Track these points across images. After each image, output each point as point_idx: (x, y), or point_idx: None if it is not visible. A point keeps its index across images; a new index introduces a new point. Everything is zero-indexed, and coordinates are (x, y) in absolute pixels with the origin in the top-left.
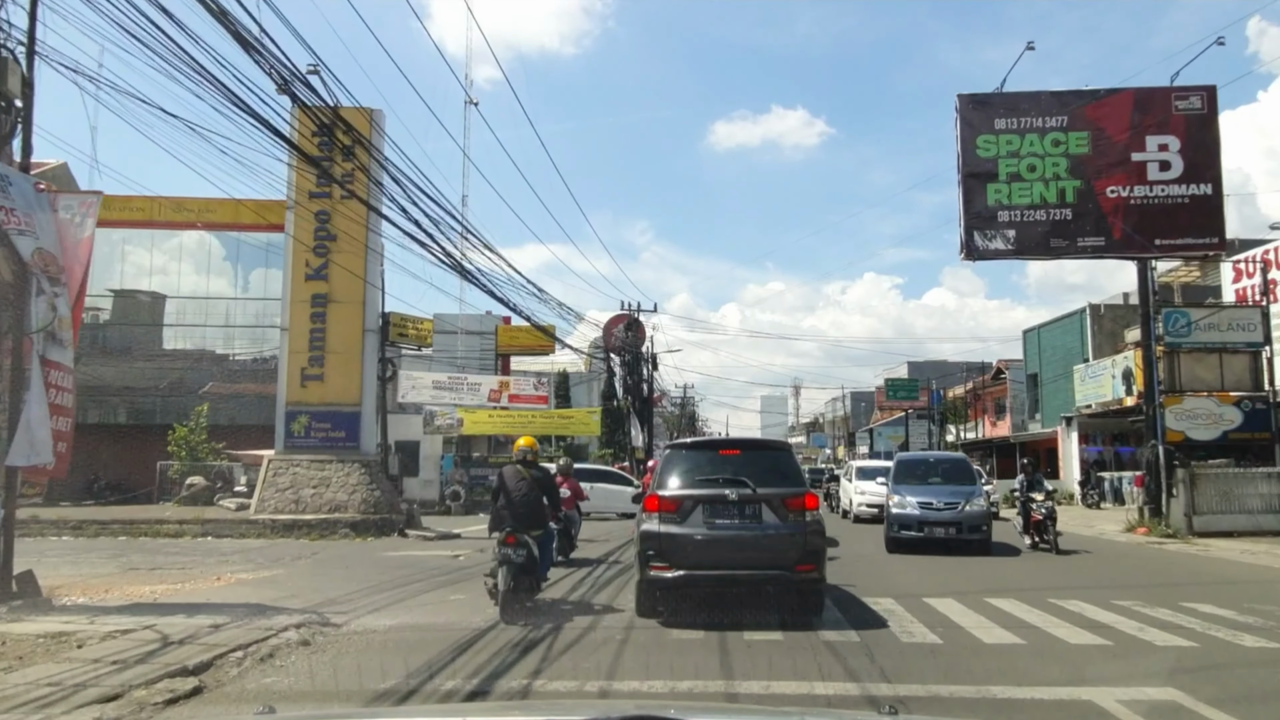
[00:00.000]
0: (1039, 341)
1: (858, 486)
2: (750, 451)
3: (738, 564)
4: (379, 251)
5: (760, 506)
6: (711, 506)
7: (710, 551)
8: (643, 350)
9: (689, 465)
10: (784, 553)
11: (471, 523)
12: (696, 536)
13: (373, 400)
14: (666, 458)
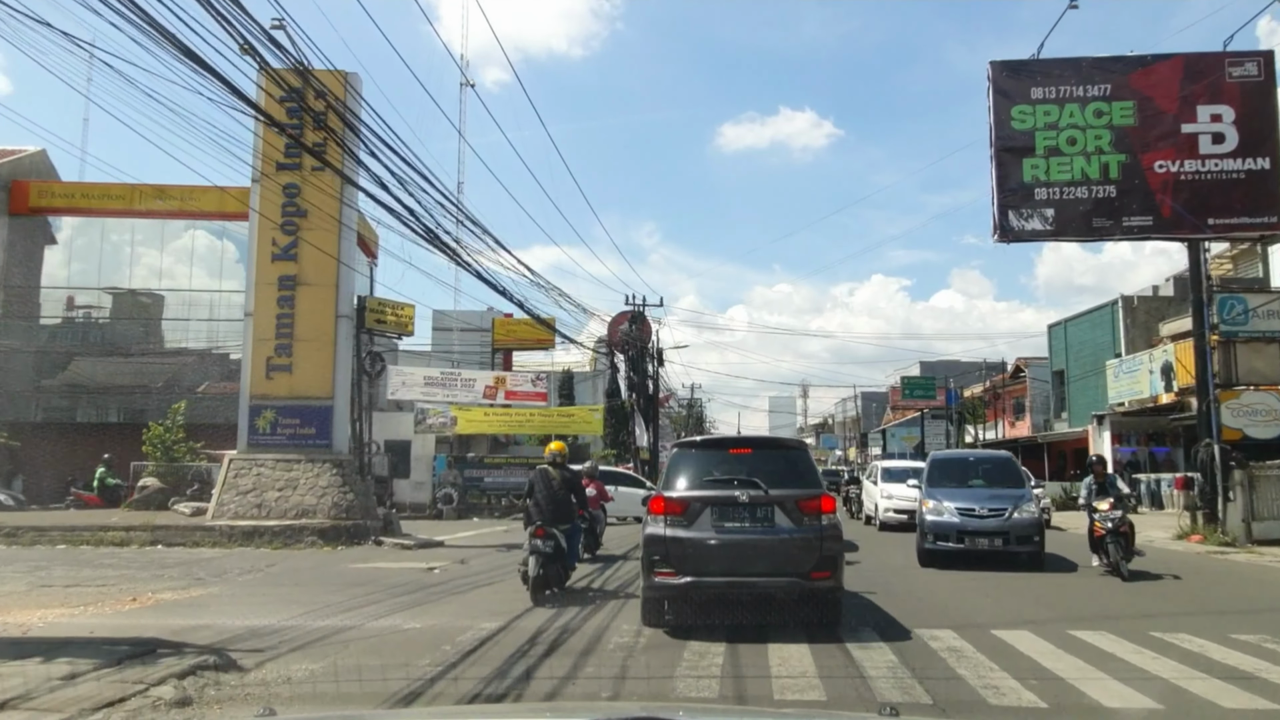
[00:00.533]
0: (1065, 337)
1: (884, 490)
2: (763, 450)
3: (748, 570)
4: (354, 229)
5: (773, 509)
6: (721, 509)
7: (719, 557)
8: (648, 345)
9: (697, 465)
10: (798, 559)
11: (463, 528)
12: (705, 541)
13: (347, 393)
14: (674, 457)
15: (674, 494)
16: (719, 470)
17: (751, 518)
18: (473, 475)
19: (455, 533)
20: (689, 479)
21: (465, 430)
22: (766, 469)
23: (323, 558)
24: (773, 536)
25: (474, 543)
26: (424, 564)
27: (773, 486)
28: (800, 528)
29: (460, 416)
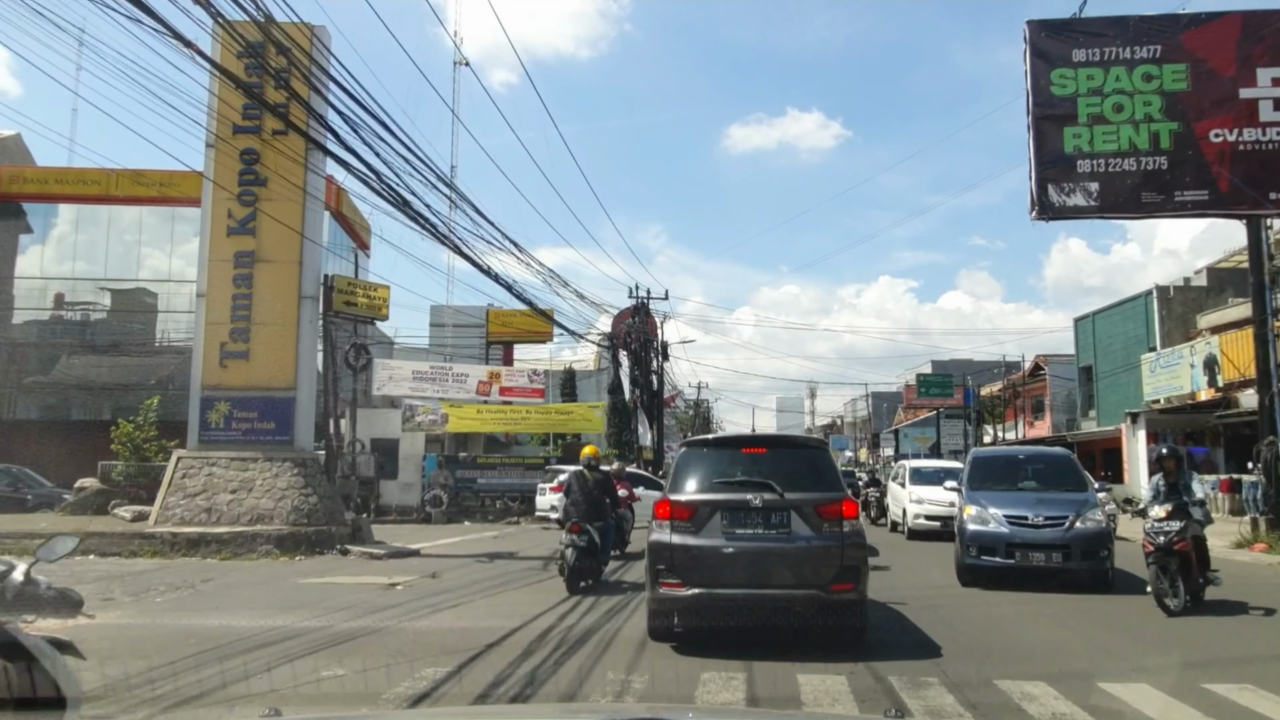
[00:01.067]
0: (1094, 330)
1: (914, 493)
2: (779, 450)
3: (762, 582)
4: (321, 199)
5: (789, 514)
6: (732, 514)
7: (730, 567)
8: (653, 339)
9: (707, 466)
10: (817, 569)
11: (449, 533)
12: (714, 549)
13: (311, 383)
14: (681, 457)
15: (680, 497)
16: (730, 471)
17: (765, 524)
18: (465, 476)
19: (439, 539)
20: (697, 481)
21: (456, 428)
22: (782, 470)
23: (273, 571)
24: (789, 545)
25: (456, 551)
26: (388, 579)
27: (789, 489)
28: (819, 535)
29: (451, 414)
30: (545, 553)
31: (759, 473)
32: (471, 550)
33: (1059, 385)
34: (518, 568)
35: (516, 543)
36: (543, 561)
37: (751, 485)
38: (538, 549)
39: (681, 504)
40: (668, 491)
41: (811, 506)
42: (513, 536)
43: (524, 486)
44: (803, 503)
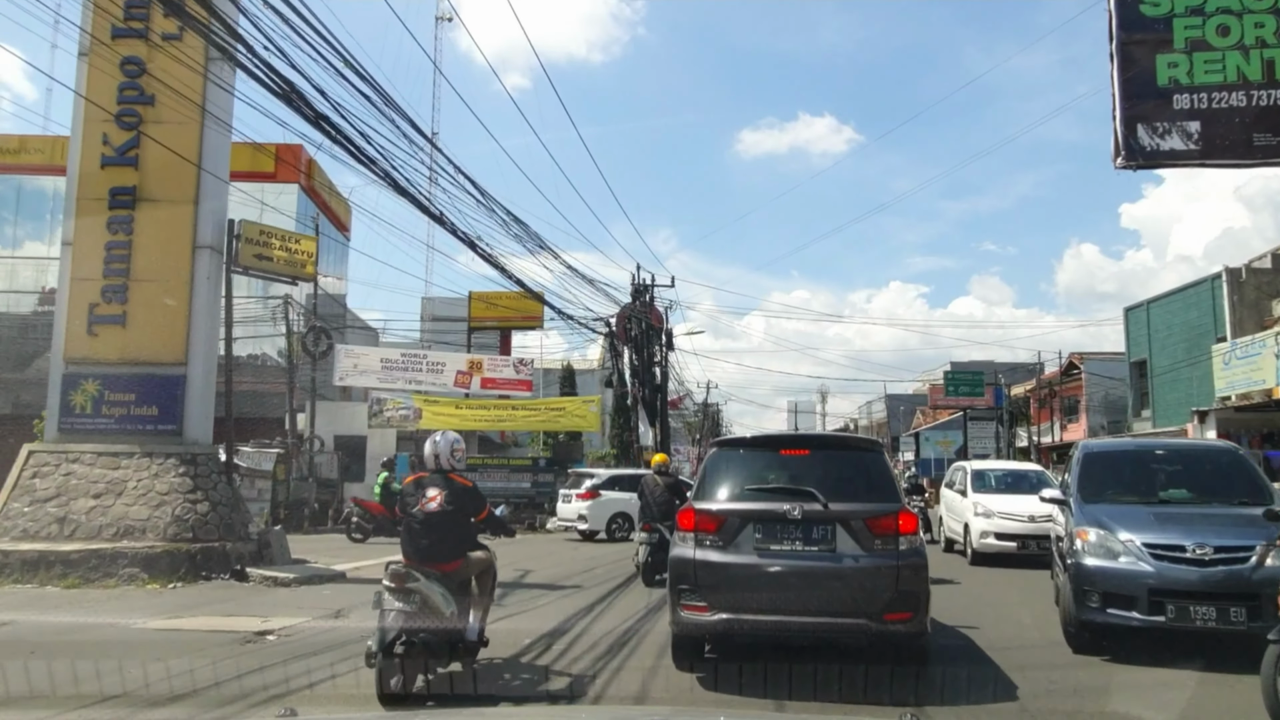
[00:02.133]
0: (1148, 321)
1: (979, 503)
2: (824, 452)
3: (801, 608)
4: (228, 123)
5: (834, 528)
6: (766, 527)
7: (763, 589)
8: (656, 326)
9: (739, 470)
10: (868, 594)
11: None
12: (745, 568)
13: (210, 358)
14: (710, 460)
15: (707, 506)
16: (766, 477)
17: (806, 539)
18: None
19: (386, 556)
20: (728, 487)
21: (431, 425)
22: (828, 476)
23: (120, 603)
24: (834, 564)
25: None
26: (264, 622)
27: (835, 498)
28: (871, 553)
29: (425, 409)
30: (513, 575)
31: (800, 479)
32: None
33: (1096, 384)
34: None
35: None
36: (502, 590)
37: (791, 493)
38: (508, 566)
39: (708, 514)
40: (693, 499)
41: (861, 519)
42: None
43: (511, 491)
44: (851, 515)
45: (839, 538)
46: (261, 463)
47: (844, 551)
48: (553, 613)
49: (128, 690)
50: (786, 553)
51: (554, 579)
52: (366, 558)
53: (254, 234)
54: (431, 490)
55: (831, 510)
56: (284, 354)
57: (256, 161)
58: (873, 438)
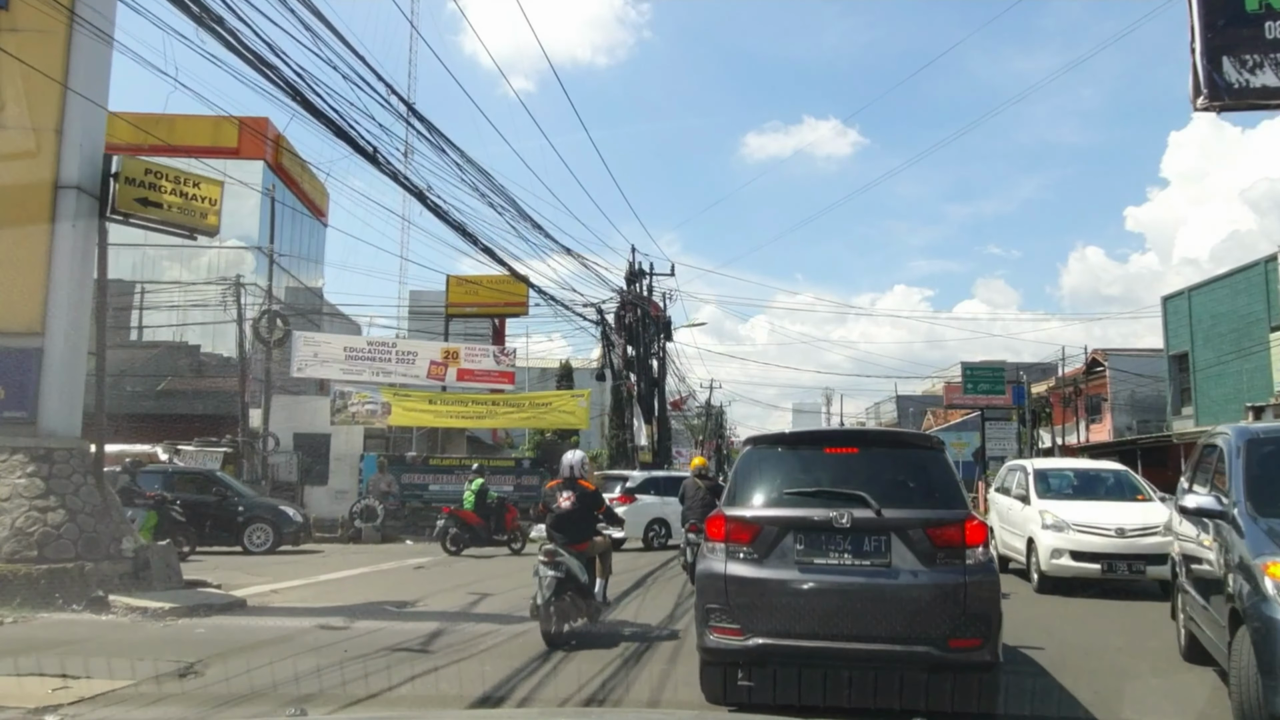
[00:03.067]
0: (1189, 310)
1: (1048, 512)
2: (875, 450)
3: (850, 632)
4: (108, 33)
5: (890, 539)
6: (809, 536)
7: (806, 610)
8: (653, 314)
9: (777, 471)
10: (929, 616)
11: (366, 558)
12: (784, 585)
13: (79, 328)
14: (743, 460)
15: (740, 512)
16: (809, 479)
17: (856, 551)
18: (415, 481)
19: (328, 571)
20: (764, 491)
21: (401, 421)
22: (881, 478)
23: None
24: (889, 581)
25: (321, 600)
26: (64, 686)
27: (890, 504)
28: (932, 568)
29: (395, 403)
30: (459, 603)
31: (849, 481)
32: (356, 594)
33: (1121, 382)
34: (391, 637)
35: (452, 576)
36: (438, 622)
37: (837, 498)
38: (466, 588)
39: (742, 522)
40: (723, 504)
41: (921, 529)
42: (444, 567)
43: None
44: (909, 523)
45: (895, 550)
46: (205, 464)
47: (901, 566)
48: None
49: None
50: (833, 567)
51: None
52: (296, 576)
53: (137, 173)
54: (566, 493)
55: (886, 518)
56: (239, 343)
57: (218, 135)
58: (934, 435)
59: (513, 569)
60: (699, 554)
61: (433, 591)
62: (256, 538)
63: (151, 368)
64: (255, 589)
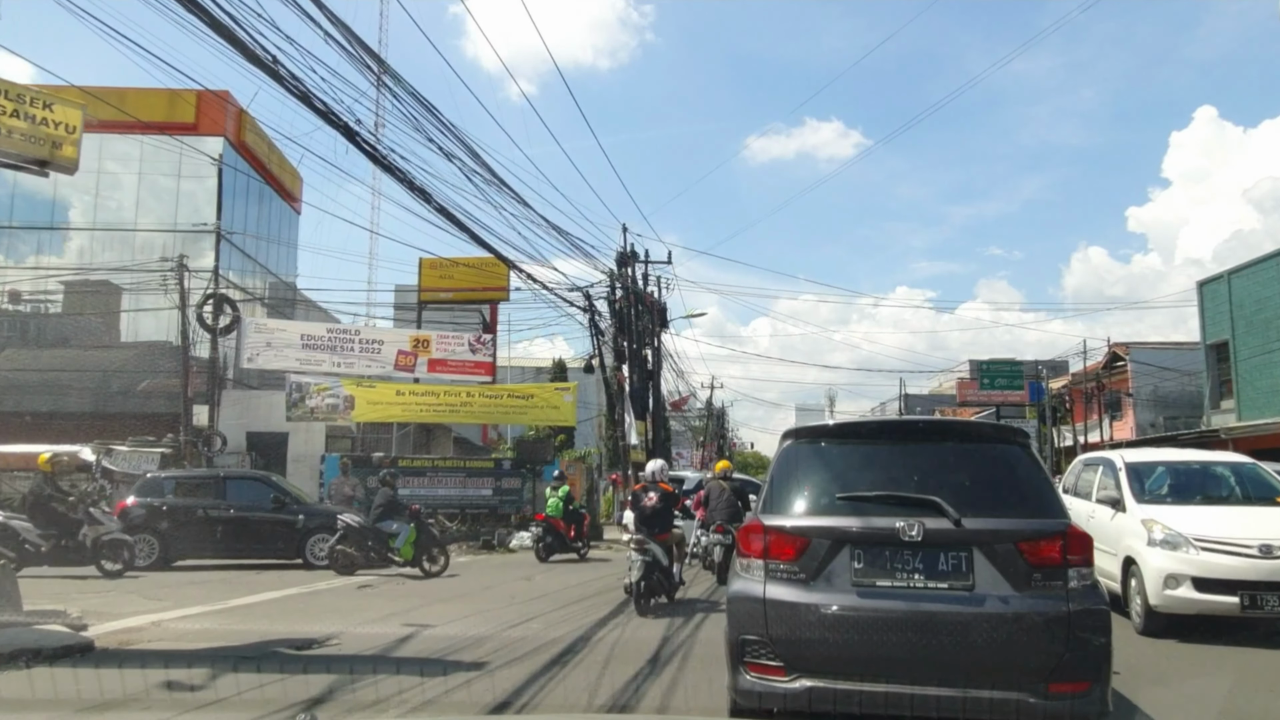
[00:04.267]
0: (1229, 296)
1: (1156, 521)
2: (946, 444)
3: (923, 674)
4: None
5: (971, 555)
6: (870, 552)
7: (867, 645)
8: (647, 303)
9: (825, 471)
10: (1025, 654)
11: (322, 574)
12: (839, 613)
13: None
14: (783, 455)
15: (782, 522)
16: (866, 480)
17: (930, 570)
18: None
19: (253, 592)
20: (811, 496)
21: (366, 416)
22: (955, 479)
23: None
24: (973, 609)
25: (206, 638)
26: None
27: (969, 511)
28: (1027, 593)
29: (358, 395)
30: (384, 640)
31: (916, 483)
32: (261, 627)
33: (1145, 377)
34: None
35: (398, 599)
36: (335, 675)
37: (904, 504)
38: (403, 616)
39: (784, 533)
40: (759, 511)
41: (1011, 542)
42: (394, 586)
43: (468, 500)
44: (996, 535)
45: (978, 569)
46: (140, 466)
47: (987, 590)
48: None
49: None
50: (900, 591)
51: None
52: (206, 600)
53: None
54: (651, 494)
55: (967, 528)
56: (182, 329)
57: (174, 110)
58: (1012, 425)
59: (473, 589)
60: (731, 573)
61: (362, 621)
62: (319, 549)
63: (132, 367)
64: (129, 621)
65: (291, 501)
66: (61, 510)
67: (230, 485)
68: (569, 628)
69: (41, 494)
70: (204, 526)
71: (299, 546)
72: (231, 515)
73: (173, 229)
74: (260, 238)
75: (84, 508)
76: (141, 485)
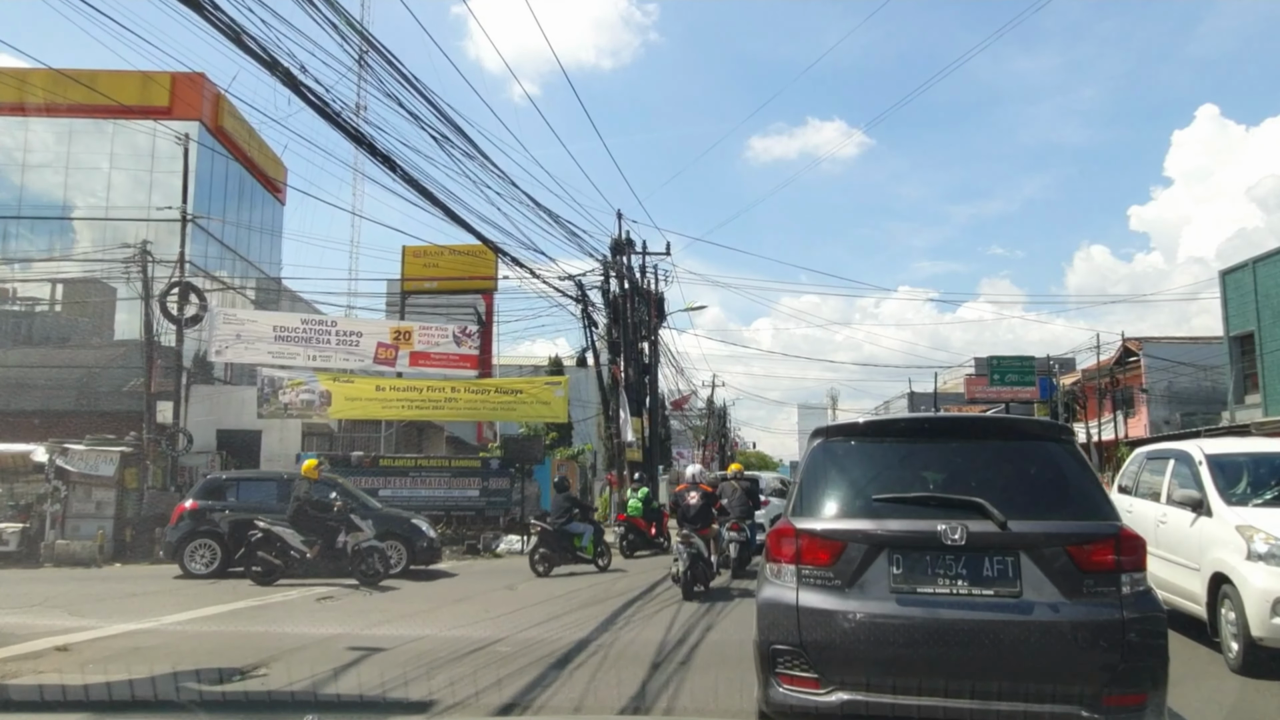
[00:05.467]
0: (1254, 284)
1: (1252, 527)
2: (987, 442)
3: (968, 687)
4: None
5: (1018, 560)
6: (910, 557)
7: (907, 656)
8: (645, 293)
9: (859, 471)
10: (1077, 665)
11: (281, 585)
12: (878, 621)
13: None
14: (814, 456)
15: (815, 525)
16: (904, 481)
17: (974, 576)
18: (364, 486)
19: (202, 605)
20: (845, 498)
21: (343, 413)
22: (998, 480)
23: None
24: (1021, 617)
25: (98, 672)
26: None
27: (1014, 514)
28: (1078, 600)
29: (335, 390)
30: (318, 668)
31: (956, 483)
32: (174, 660)
33: (1158, 371)
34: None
35: (363, 612)
36: None
37: (945, 506)
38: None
39: (818, 537)
40: (790, 513)
41: (1060, 546)
42: (361, 599)
43: (454, 502)
44: (1044, 538)
45: (1026, 575)
46: (99, 466)
47: (1036, 597)
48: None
49: None
50: (943, 599)
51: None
52: (138, 616)
53: None
54: (693, 494)
55: (1014, 531)
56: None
57: (148, 93)
58: (1059, 422)
59: (457, 594)
60: (760, 578)
61: (299, 647)
62: (388, 557)
63: (104, 364)
64: (31, 645)
65: (359, 507)
66: (321, 516)
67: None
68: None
69: (308, 500)
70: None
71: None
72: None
73: (146, 218)
74: (232, 223)
75: (345, 514)
76: (201, 489)
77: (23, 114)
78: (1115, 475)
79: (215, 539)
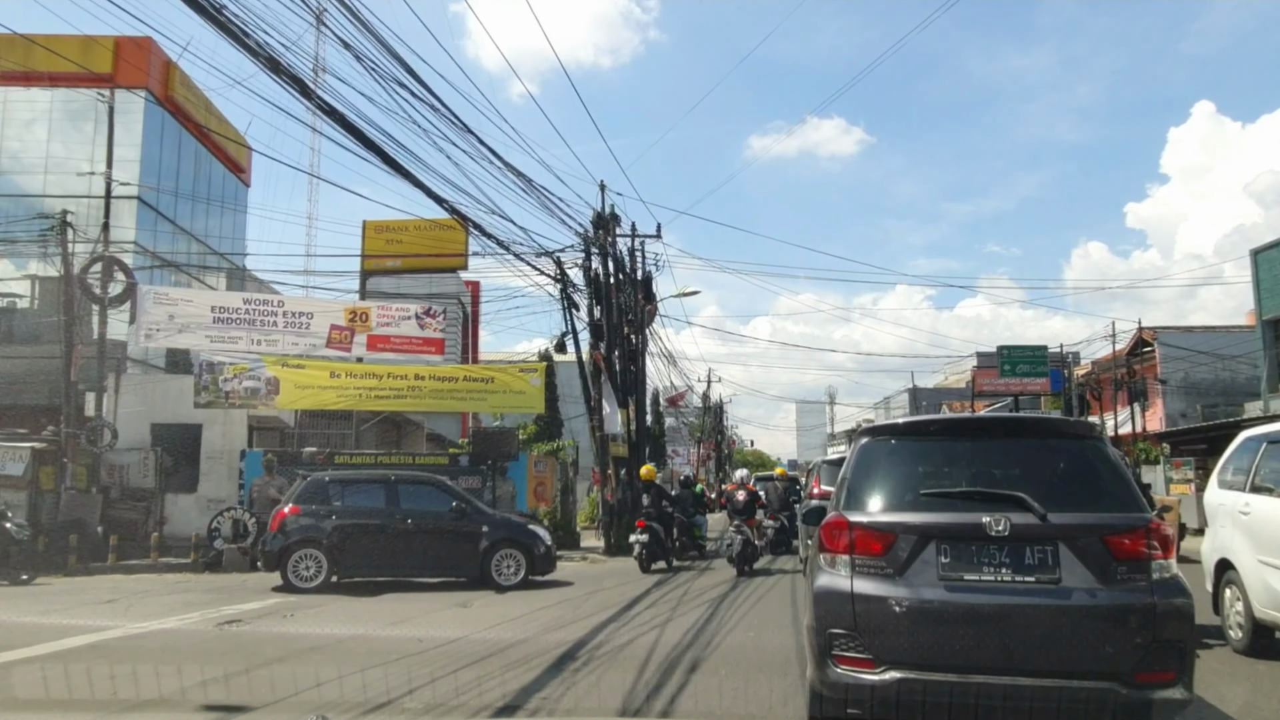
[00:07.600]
0: None
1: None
2: (1024, 440)
3: (1014, 664)
4: None
5: (1057, 549)
6: (956, 547)
7: (956, 638)
8: (622, 254)
9: (905, 467)
10: (1111, 644)
11: (212, 597)
12: (927, 606)
13: None
14: (862, 452)
15: (868, 519)
16: (949, 476)
17: (1017, 565)
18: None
19: (119, 621)
20: (894, 492)
21: (293, 403)
22: (1036, 475)
23: None
24: (1061, 602)
25: None
26: None
27: (1053, 506)
28: (1113, 586)
29: (283, 377)
30: None
31: (998, 478)
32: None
33: (1175, 360)
34: None
35: (274, 645)
36: None
37: (989, 499)
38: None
39: (871, 529)
40: (841, 507)
41: (1096, 536)
42: (278, 622)
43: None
44: (1081, 529)
45: (1064, 563)
46: (5, 464)
47: (1073, 583)
48: None
49: None
50: (988, 585)
51: None
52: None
53: None
54: (740, 493)
55: (1053, 523)
56: (65, 298)
57: (89, 57)
58: (1089, 421)
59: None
60: (812, 567)
61: (156, 699)
62: (506, 566)
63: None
64: None
65: (473, 511)
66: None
67: (403, 491)
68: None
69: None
70: (376, 540)
71: (482, 565)
72: (409, 526)
73: (87, 193)
74: (168, 191)
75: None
76: (303, 491)
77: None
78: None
79: (319, 548)
